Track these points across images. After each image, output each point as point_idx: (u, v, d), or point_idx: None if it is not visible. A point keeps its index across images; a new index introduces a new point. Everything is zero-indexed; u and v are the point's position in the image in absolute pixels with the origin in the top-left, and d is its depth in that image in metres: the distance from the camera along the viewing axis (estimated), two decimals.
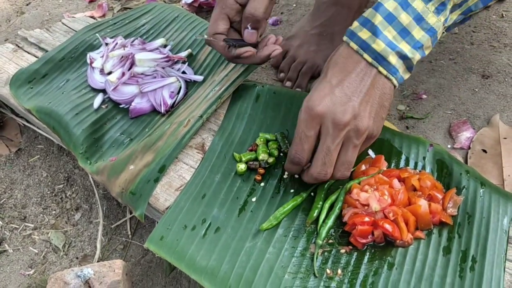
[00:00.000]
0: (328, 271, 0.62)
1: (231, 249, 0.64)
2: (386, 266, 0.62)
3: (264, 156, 0.73)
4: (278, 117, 0.79)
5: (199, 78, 0.89)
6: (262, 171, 0.72)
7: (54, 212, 0.88)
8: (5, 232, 0.86)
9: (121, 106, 0.86)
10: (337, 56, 0.63)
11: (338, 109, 0.60)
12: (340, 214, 0.66)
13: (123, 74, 0.87)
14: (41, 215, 0.88)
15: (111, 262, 0.69)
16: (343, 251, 0.63)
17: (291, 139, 0.71)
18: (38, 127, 0.93)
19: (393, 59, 0.61)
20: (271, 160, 0.73)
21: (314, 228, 0.66)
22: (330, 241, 0.65)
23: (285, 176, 0.72)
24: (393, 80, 0.62)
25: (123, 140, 0.81)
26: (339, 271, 0.61)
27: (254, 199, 0.69)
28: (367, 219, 0.63)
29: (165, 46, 0.96)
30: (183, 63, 0.91)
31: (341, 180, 0.70)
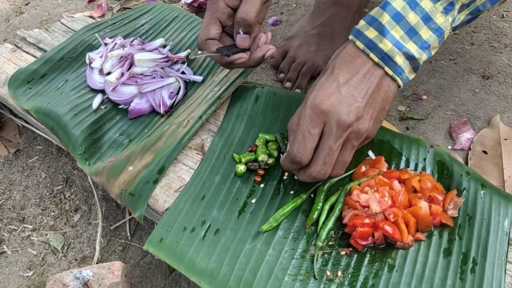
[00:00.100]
0: (328, 273, 0.61)
1: (230, 251, 0.63)
2: (386, 268, 0.61)
3: (264, 157, 0.72)
4: (277, 118, 0.79)
5: (199, 78, 0.88)
6: (261, 172, 0.72)
7: (53, 213, 0.88)
8: (3, 233, 0.86)
9: (120, 107, 0.86)
10: (344, 54, 0.62)
11: (344, 109, 0.60)
12: (340, 216, 0.66)
13: (122, 75, 0.87)
14: (40, 216, 0.88)
15: (110, 264, 0.69)
16: (343, 253, 0.63)
17: None
18: (37, 128, 0.93)
19: (399, 60, 0.60)
20: (270, 161, 0.72)
21: (314, 230, 0.66)
22: (330, 243, 0.64)
23: (284, 177, 0.72)
24: (398, 80, 0.62)
25: (122, 141, 0.81)
26: (339, 273, 0.61)
27: (253, 201, 0.69)
28: (367, 220, 0.62)
29: (164, 46, 0.96)
30: (183, 64, 0.91)
31: (340, 181, 0.70)
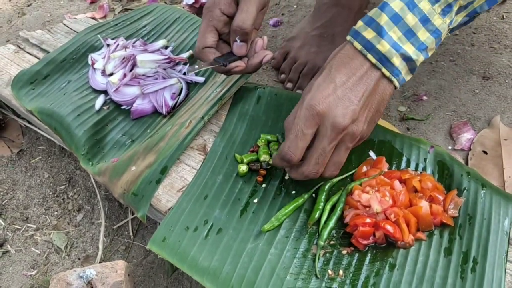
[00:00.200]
0: (329, 272, 0.62)
1: (233, 250, 0.64)
2: (387, 267, 0.62)
3: (266, 157, 0.73)
4: (279, 118, 0.80)
5: (201, 79, 0.89)
6: (263, 172, 0.72)
7: (56, 213, 0.89)
8: (7, 233, 0.86)
9: (122, 107, 0.87)
10: (342, 55, 0.62)
11: (340, 112, 0.60)
12: (341, 215, 0.66)
13: (125, 75, 0.87)
14: (43, 216, 0.88)
15: (113, 263, 0.69)
16: (344, 252, 0.64)
17: None
18: (39, 128, 0.94)
19: (396, 61, 0.60)
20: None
21: (316, 229, 0.66)
22: (332, 242, 0.65)
23: (286, 177, 0.72)
24: (395, 82, 0.62)
25: (125, 141, 0.81)
26: (341, 272, 0.62)
27: (255, 200, 0.70)
28: (368, 220, 0.63)
29: (166, 47, 0.96)
30: (185, 64, 0.92)
31: (342, 181, 0.70)
